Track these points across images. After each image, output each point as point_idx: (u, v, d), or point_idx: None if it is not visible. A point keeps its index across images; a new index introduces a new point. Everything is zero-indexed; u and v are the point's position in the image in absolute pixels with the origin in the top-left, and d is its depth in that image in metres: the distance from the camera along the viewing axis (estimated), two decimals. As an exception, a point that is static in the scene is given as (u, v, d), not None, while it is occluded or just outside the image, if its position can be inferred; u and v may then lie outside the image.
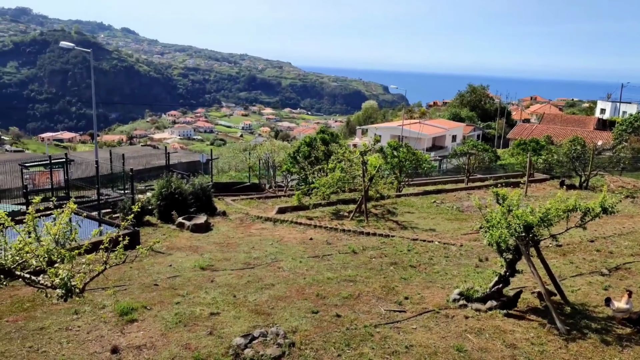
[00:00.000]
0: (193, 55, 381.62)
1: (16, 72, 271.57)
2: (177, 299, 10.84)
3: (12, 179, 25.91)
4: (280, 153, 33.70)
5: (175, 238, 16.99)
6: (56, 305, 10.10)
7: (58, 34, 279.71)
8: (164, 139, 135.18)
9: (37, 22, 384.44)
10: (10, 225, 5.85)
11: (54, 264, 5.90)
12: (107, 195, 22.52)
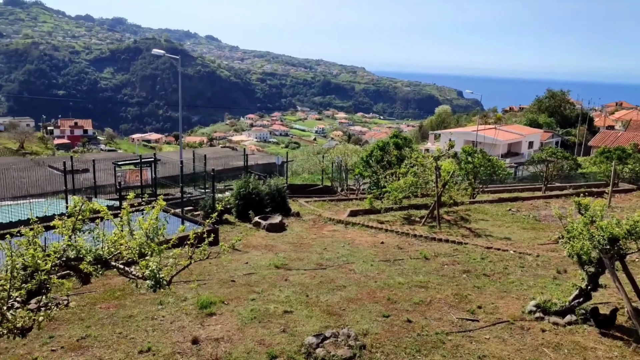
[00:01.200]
0: (271, 60, 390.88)
1: (112, 77, 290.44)
2: (253, 295, 11.10)
3: (107, 176, 27.70)
4: (353, 156, 33.71)
5: (252, 237, 17.42)
6: (143, 295, 10.66)
7: (149, 42, 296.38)
8: (241, 141, 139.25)
9: (131, 31, 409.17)
10: (110, 218, 6.23)
11: (145, 256, 6.21)
12: (189, 193, 23.48)
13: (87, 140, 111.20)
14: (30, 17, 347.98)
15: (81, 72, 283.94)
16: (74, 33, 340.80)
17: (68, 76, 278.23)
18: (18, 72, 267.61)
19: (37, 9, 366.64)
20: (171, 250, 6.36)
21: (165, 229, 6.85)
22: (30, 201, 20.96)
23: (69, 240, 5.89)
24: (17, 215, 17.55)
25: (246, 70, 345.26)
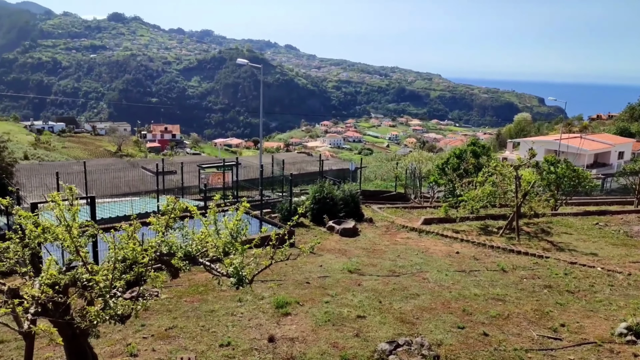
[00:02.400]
0: (347, 68, 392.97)
1: (198, 85, 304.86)
2: (327, 298, 11.15)
3: (191, 177, 29.01)
4: (427, 164, 33.07)
5: (326, 240, 17.51)
6: (224, 291, 11.04)
7: (232, 52, 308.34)
8: (316, 147, 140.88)
9: (217, 42, 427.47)
10: (199, 218, 6.50)
11: (228, 255, 6.41)
12: (267, 196, 24.06)
13: (175, 144, 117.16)
14: (130, 31, 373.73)
15: (172, 81, 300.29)
16: (167, 45, 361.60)
17: (160, 85, 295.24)
18: (118, 82, 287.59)
19: (136, 23, 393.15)
20: (253, 250, 6.53)
21: (247, 230, 7.04)
22: (126, 199, 22.36)
23: (163, 236, 6.21)
24: (116, 212, 18.78)
25: (322, 78, 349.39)
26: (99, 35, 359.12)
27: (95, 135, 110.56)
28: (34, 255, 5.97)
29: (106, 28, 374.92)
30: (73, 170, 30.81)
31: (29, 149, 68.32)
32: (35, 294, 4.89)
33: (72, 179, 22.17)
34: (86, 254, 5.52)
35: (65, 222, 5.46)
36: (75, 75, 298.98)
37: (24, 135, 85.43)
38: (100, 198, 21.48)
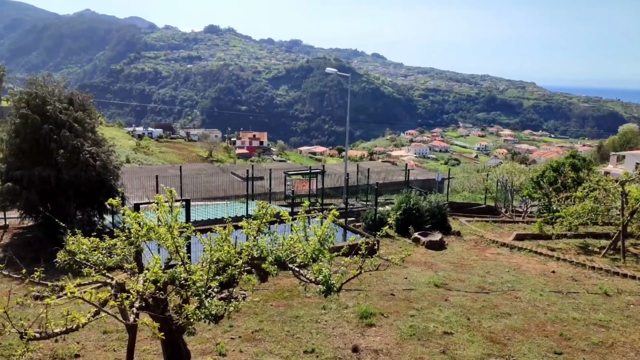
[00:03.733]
0: (434, 76, 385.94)
1: (286, 94, 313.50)
2: (412, 311, 10.91)
3: (277, 184, 29.75)
4: (520, 176, 31.47)
5: (411, 252, 17.20)
6: (308, 298, 11.16)
7: (320, 61, 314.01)
8: (400, 156, 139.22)
9: (305, 51, 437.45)
10: (291, 223, 6.62)
11: (316, 261, 6.47)
12: (351, 204, 24.09)
13: (262, 151, 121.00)
14: (223, 42, 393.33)
15: (261, 90, 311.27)
16: (257, 55, 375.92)
17: (250, 93, 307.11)
18: (211, 90, 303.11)
19: (230, 35, 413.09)
20: (342, 258, 6.53)
21: (335, 237, 7.07)
22: (217, 203, 23.37)
23: (254, 240, 6.39)
24: (207, 215, 19.70)
25: (409, 87, 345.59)
26: (195, 47, 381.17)
27: (188, 141, 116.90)
28: (138, 253, 6.38)
29: (202, 40, 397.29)
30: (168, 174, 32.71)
31: (130, 153, 73.61)
32: (140, 290, 5.22)
33: (168, 182, 23.56)
34: (185, 254, 5.81)
35: (167, 223, 5.79)
36: (173, 84, 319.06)
37: (127, 140, 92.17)
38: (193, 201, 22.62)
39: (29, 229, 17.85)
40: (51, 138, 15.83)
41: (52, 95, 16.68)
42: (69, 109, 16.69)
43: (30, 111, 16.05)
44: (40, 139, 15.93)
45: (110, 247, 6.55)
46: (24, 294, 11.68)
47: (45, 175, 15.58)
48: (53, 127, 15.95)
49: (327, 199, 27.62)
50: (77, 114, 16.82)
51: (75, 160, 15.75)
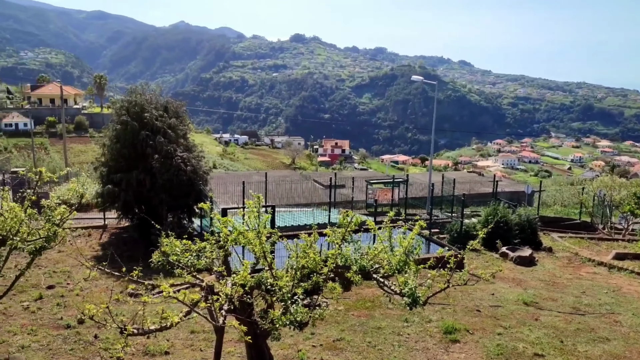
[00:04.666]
0: (525, 84, 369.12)
1: (369, 102, 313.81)
2: (499, 329, 10.42)
3: (358, 192, 29.71)
4: (621, 191, 29.16)
5: (498, 267, 16.44)
6: (390, 310, 10.99)
7: (404, 69, 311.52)
8: (487, 167, 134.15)
9: (389, 59, 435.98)
10: (376, 232, 6.56)
11: (401, 273, 6.34)
12: (435, 215, 23.52)
13: (344, 159, 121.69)
14: (308, 51, 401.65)
15: (344, 98, 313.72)
16: (341, 63, 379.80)
17: (333, 101, 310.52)
18: (295, 98, 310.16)
19: (315, 43, 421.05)
20: (428, 271, 6.35)
21: (420, 249, 6.90)
22: (299, 210, 23.76)
23: (339, 248, 6.38)
24: (291, 221, 20.08)
25: (497, 95, 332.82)
26: (281, 56, 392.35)
27: (272, 148, 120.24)
28: (226, 256, 6.60)
29: (288, 48, 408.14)
30: (253, 180, 33.76)
31: (217, 159, 76.95)
32: (228, 293, 5.38)
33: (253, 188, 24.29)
34: (272, 259, 5.92)
35: (256, 228, 5.94)
36: (258, 92, 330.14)
37: (214, 147, 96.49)
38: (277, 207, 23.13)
39: (124, 229, 19.08)
40: (147, 143, 16.86)
41: (149, 103, 17.79)
42: (164, 116, 17.71)
43: (130, 118, 17.21)
44: (137, 144, 17.02)
45: (200, 249, 6.82)
46: (119, 291, 12.52)
47: (141, 179, 16.61)
48: (149, 133, 17.00)
49: (410, 209, 27.16)
50: (171, 120, 17.81)
51: (169, 165, 16.64)
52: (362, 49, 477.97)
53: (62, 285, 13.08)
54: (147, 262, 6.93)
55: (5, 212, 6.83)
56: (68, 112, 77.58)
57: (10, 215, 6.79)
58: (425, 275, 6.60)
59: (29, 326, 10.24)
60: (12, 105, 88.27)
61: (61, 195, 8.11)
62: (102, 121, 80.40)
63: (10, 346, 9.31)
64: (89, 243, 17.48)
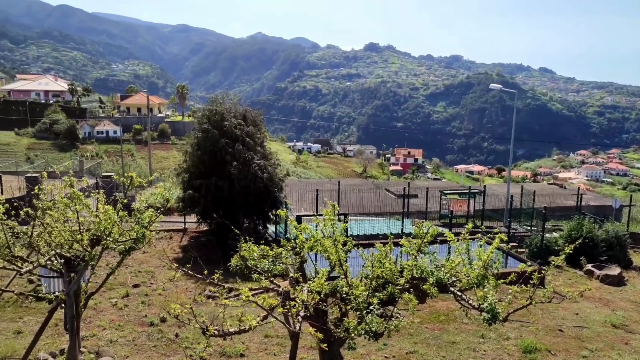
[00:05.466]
0: (613, 92, 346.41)
1: (443, 110, 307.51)
2: (584, 352, 9.80)
3: (432, 202, 29.10)
4: None
5: (582, 285, 15.48)
6: (466, 324, 10.65)
7: (481, 77, 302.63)
8: (568, 179, 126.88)
9: (465, 67, 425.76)
10: (455, 245, 6.41)
11: (479, 287, 6.14)
12: (513, 229, 22.56)
13: (416, 168, 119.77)
14: (382, 60, 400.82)
15: (417, 107, 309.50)
16: (415, 72, 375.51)
17: (406, 110, 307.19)
18: (368, 107, 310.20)
19: (389, 52, 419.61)
20: (508, 286, 6.11)
21: (500, 263, 6.65)
22: (371, 219, 23.67)
23: (414, 259, 6.29)
24: (363, 230, 20.03)
25: (581, 103, 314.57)
26: (354, 65, 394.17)
27: (344, 156, 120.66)
28: (302, 263, 6.70)
29: (362, 57, 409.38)
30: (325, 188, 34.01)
31: (290, 166, 78.29)
32: (305, 299, 5.45)
33: (325, 196, 24.50)
34: (347, 267, 5.94)
35: (332, 236, 5.98)
36: (332, 101, 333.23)
37: (287, 155, 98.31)
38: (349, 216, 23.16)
39: (203, 233, 19.84)
40: (227, 151, 17.49)
41: (229, 112, 18.47)
42: (242, 124, 18.31)
43: (211, 126, 17.94)
44: (217, 152, 17.69)
45: (276, 255, 6.98)
46: (198, 293, 13.03)
47: (220, 185, 17.24)
48: (229, 140, 17.62)
49: (486, 221, 26.23)
50: (249, 128, 18.37)
51: (246, 172, 17.15)
52: (437, 57, 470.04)
53: (146, 284, 13.82)
54: (224, 265, 7.18)
55: (100, 214, 7.33)
56: (152, 120, 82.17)
57: (104, 217, 7.28)
58: (504, 291, 6.36)
59: (116, 322, 10.90)
60: (104, 113, 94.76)
61: (146, 199, 8.60)
62: (183, 129, 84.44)
63: (100, 340, 9.95)
64: (170, 245, 18.35)
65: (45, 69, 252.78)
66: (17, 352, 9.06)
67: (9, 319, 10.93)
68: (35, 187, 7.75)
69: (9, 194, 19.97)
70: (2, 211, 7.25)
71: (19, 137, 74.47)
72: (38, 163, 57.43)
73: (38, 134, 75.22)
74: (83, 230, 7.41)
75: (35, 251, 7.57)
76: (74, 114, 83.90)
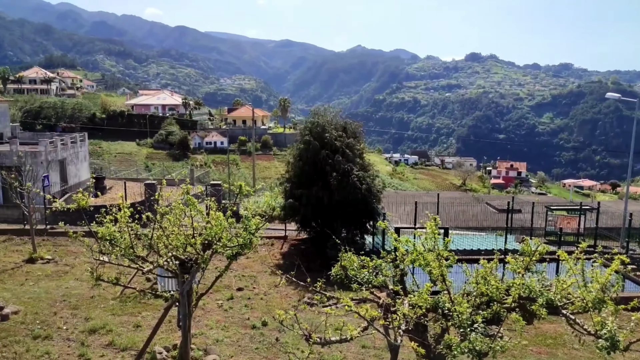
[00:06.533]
0: None
1: (549, 122, 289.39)
2: None
3: (536, 218, 27.40)
4: None
5: None
6: (576, 350, 9.87)
7: (594, 86, 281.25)
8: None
9: (576, 75, 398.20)
10: (570, 265, 6.01)
11: (595, 311, 5.68)
12: (632, 250, 20.59)
13: (519, 182, 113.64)
14: (484, 70, 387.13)
15: (521, 117, 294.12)
16: (520, 81, 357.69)
17: (509, 121, 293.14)
18: (468, 118, 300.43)
19: (491, 62, 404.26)
20: (631, 313, 5.59)
21: (619, 287, 6.12)
22: (471, 234, 22.82)
23: (522, 278, 5.97)
24: (462, 245, 19.37)
25: None
26: (455, 75, 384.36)
27: (442, 168, 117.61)
28: (402, 276, 6.62)
29: (462, 68, 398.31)
30: (423, 200, 33.32)
31: (387, 178, 77.75)
32: (406, 313, 5.38)
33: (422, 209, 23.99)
34: (451, 283, 5.78)
35: (435, 250, 5.86)
36: (430, 112, 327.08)
37: (384, 166, 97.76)
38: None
39: (302, 241, 20.29)
40: (327, 162, 17.80)
41: (330, 123, 18.81)
42: (342, 136, 18.55)
43: (312, 138, 18.38)
44: (318, 162, 18.07)
45: (376, 266, 6.96)
46: (297, 299, 13.34)
47: (319, 195, 17.56)
48: (329, 152, 17.94)
49: (599, 241, 24.19)
50: (348, 140, 18.57)
51: (345, 183, 17.33)
52: (544, 66, 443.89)
53: (249, 288, 14.40)
54: (322, 274, 7.28)
55: (212, 220, 7.79)
56: (256, 131, 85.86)
57: (216, 223, 7.72)
58: (625, 317, 5.83)
59: (222, 322, 11.47)
60: (212, 125, 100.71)
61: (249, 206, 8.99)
62: (284, 140, 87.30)
63: (207, 338, 10.53)
64: (271, 252, 18.99)
65: (163, 85, 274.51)
66: (136, 345, 9.84)
67: (129, 313, 11.91)
68: (155, 193, 8.43)
69: (132, 199, 21.88)
70: (128, 215, 7.95)
71: (139, 147, 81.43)
72: (154, 171, 62.38)
73: (155, 144, 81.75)
74: (196, 234, 7.90)
75: (154, 252, 8.19)
76: (186, 126, 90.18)
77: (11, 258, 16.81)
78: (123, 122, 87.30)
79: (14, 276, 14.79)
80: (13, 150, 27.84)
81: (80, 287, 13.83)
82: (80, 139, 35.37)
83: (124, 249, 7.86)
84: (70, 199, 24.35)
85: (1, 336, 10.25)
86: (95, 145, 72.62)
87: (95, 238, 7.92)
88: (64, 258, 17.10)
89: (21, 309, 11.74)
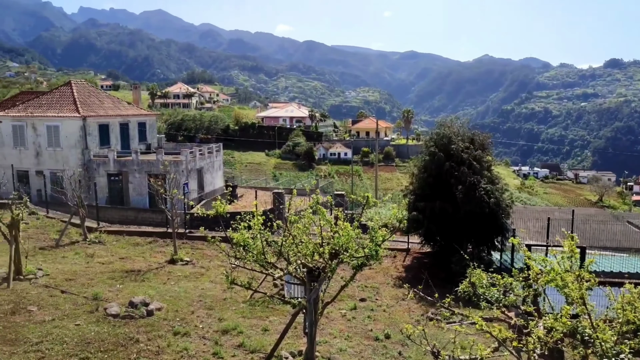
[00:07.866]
0: None
1: None
2: None
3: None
4: None
5: None
6: None
7: None
8: None
9: None
10: None
11: None
12: None
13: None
14: (626, 77, 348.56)
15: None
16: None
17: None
18: (606, 129, 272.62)
19: (635, 68, 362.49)
20: None
21: None
22: (609, 254, 20.68)
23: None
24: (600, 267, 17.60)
25: None
26: (592, 83, 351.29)
27: (576, 183, 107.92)
28: (536, 296, 6.24)
29: (600, 75, 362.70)
30: (554, 216, 30.84)
31: (514, 192, 73.19)
32: (541, 336, 5.07)
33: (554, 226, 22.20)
34: (592, 307, 5.33)
35: (573, 270, 5.45)
36: (563, 123, 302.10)
37: (512, 179, 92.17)
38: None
39: (425, 254, 19.86)
40: (452, 174, 17.30)
41: (456, 135, 18.27)
42: (469, 147, 17.90)
43: (437, 149, 18.00)
44: (442, 174, 17.63)
45: (506, 285, 6.64)
46: (420, 314, 13.10)
47: (444, 208, 17.10)
48: (454, 164, 17.41)
49: None
50: (476, 152, 17.84)
51: (472, 196, 16.67)
52: None
53: (372, 299, 14.43)
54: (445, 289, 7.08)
55: (340, 230, 7.99)
56: (379, 143, 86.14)
57: (343, 233, 7.91)
58: None
59: (345, 332, 11.64)
60: (337, 137, 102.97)
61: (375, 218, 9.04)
62: (407, 152, 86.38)
63: (331, 347, 10.73)
64: (394, 264, 18.86)
65: (291, 98, 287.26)
66: (264, 348, 10.31)
67: (258, 317, 12.54)
68: (286, 202, 8.85)
69: (262, 207, 23.17)
70: (261, 222, 8.41)
71: (268, 157, 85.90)
72: (281, 180, 65.37)
73: (283, 155, 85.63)
74: (324, 243, 8.14)
75: (284, 259, 8.56)
76: (312, 138, 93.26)
77: (155, 258, 18.47)
78: (254, 133, 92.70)
79: (158, 275, 16.17)
80: (159, 159, 30.80)
81: (214, 288, 14.78)
82: (216, 149, 38.17)
83: (256, 254, 8.29)
84: (205, 205, 26.33)
85: (147, 330, 11.21)
86: (228, 155, 78.06)
87: (231, 243, 8.44)
88: (200, 261, 18.42)
89: (164, 306, 12.75)
